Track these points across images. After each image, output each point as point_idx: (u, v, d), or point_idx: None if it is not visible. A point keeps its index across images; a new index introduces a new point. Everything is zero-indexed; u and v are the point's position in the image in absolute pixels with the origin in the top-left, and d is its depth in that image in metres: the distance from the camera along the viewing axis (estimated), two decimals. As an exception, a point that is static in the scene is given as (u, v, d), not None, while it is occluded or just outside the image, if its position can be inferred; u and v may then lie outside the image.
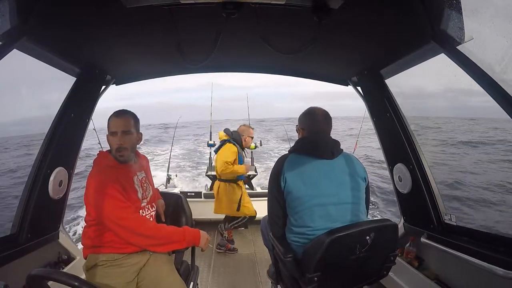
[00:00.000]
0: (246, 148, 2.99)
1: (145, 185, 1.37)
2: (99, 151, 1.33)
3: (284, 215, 1.32)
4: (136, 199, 1.28)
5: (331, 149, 1.31)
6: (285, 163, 1.31)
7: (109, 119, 1.27)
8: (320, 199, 1.23)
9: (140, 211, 1.30)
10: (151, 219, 1.37)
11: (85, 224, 1.29)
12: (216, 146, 3.00)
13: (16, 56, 1.16)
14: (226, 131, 2.95)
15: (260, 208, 3.44)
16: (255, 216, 3.01)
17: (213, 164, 3.14)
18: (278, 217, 1.34)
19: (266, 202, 1.41)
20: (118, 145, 1.25)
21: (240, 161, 2.87)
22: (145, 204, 1.34)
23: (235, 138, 2.87)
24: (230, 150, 2.80)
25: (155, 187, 1.60)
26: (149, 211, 1.36)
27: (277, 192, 1.30)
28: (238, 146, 2.83)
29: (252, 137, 2.96)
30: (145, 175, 1.40)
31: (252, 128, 2.99)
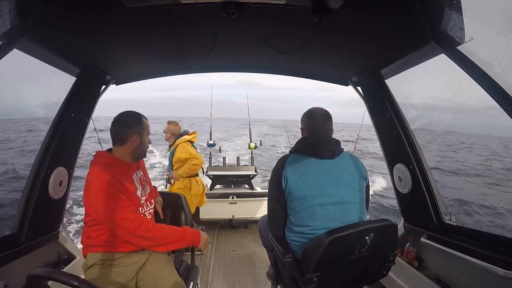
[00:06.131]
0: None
1: (143, 182, 1.40)
2: (97, 152, 1.33)
3: (285, 215, 1.32)
4: (135, 196, 1.29)
5: (331, 149, 1.32)
6: (286, 163, 1.31)
7: (147, 121, 1.36)
8: (320, 199, 1.23)
9: (140, 208, 1.31)
10: (150, 216, 1.38)
11: (84, 225, 1.29)
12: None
13: (16, 56, 1.16)
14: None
15: (259, 208, 3.45)
16: None
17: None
18: (278, 217, 1.34)
19: (265, 202, 1.40)
20: (149, 144, 1.39)
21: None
22: (144, 201, 1.35)
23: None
24: None
25: (155, 187, 1.61)
26: (148, 208, 1.38)
27: (278, 192, 1.31)
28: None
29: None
30: (142, 174, 1.43)
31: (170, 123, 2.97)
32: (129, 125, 1.31)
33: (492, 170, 11.76)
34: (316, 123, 1.40)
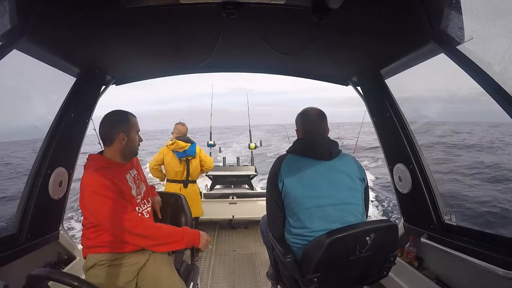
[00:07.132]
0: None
1: (137, 181, 1.38)
2: (89, 155, 1.32)
3: (283, 216, 1.32)
4: (131, 196, 1.29)
5: (328, 150, 1.31)
6: (282, 164, 1.30)
7: (135, 118, 1.35)
8: (318, 200, 1.22)
9: (136, 207, 1.30)
10: (147, 215, 1.38)
11: (83, 227, 1.28)
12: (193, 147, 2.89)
13: (16, 56, 1.16)
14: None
15: (259, 208, 3.45)
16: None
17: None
18: (277, 218, 1.33)
19: (265, 202, 1.40)
20: (140, 142, 1.38)
21: None
22: (140, 200, 1.35)
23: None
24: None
25: (153, 186, 1.61)
26: (145, 206, 1.38)
27: (275, 194, 1.30)
28: None
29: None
30: (136, 172, 1.42)
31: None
32: (114, 123, 1.29)
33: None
34: (311, 122, 1.39)
